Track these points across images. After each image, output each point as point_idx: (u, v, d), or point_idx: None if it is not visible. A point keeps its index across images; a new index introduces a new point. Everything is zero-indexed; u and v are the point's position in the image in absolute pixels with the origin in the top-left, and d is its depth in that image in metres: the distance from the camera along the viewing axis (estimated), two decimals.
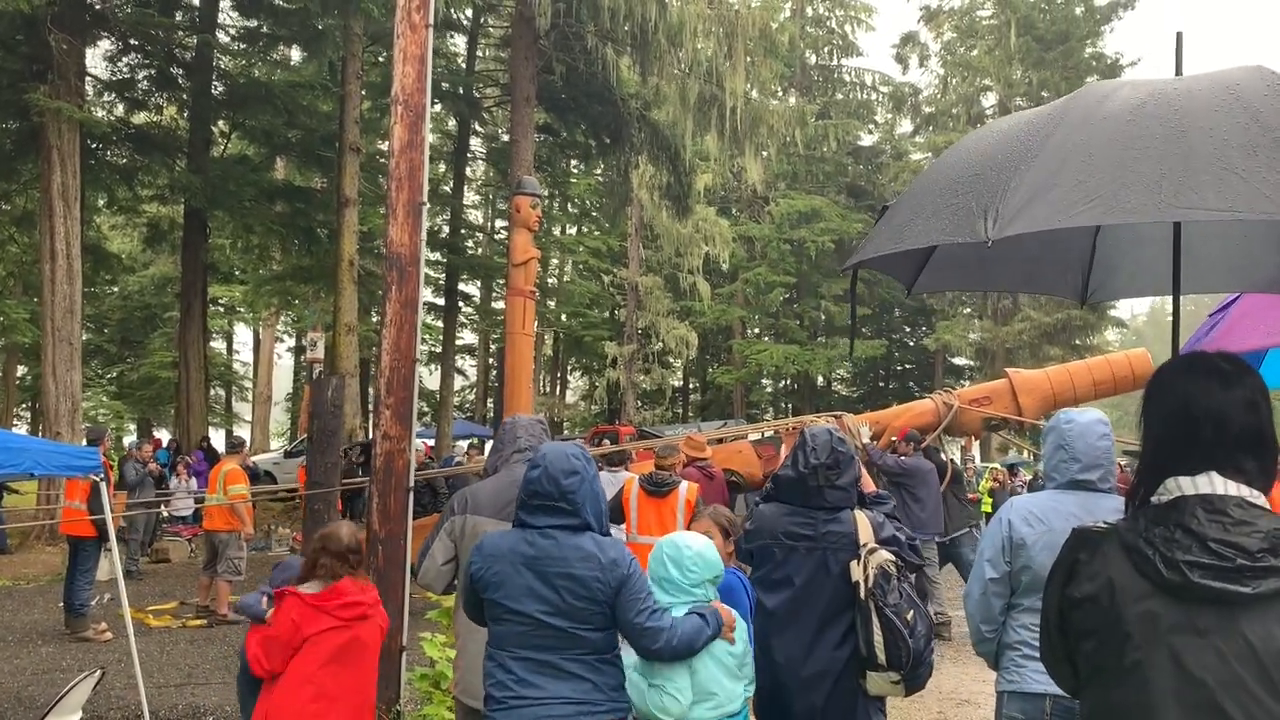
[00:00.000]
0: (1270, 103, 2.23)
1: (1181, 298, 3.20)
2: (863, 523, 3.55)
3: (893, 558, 3.48)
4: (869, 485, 3.84)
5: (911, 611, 3.40)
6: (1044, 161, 2.23)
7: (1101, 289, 3.69)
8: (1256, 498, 1.70)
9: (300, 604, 4.02)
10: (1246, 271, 3.51)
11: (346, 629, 4.03)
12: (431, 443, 22.93)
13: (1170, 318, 3.24)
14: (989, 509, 16.50)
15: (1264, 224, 3.14)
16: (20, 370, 31.97)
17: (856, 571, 3.45)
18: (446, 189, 26.82)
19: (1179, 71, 2.77)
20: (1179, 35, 2.85)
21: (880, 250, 2.69)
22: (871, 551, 3.46)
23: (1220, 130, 2.16)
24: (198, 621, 10.22)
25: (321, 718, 3.95)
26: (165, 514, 15.88)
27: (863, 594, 3.41)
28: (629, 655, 3.20)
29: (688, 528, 3.75)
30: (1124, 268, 3.61)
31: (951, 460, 11.26)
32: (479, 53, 26.62)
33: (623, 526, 7.08)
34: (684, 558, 3.31)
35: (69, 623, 9.59)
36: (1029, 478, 17.88)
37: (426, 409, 31.85)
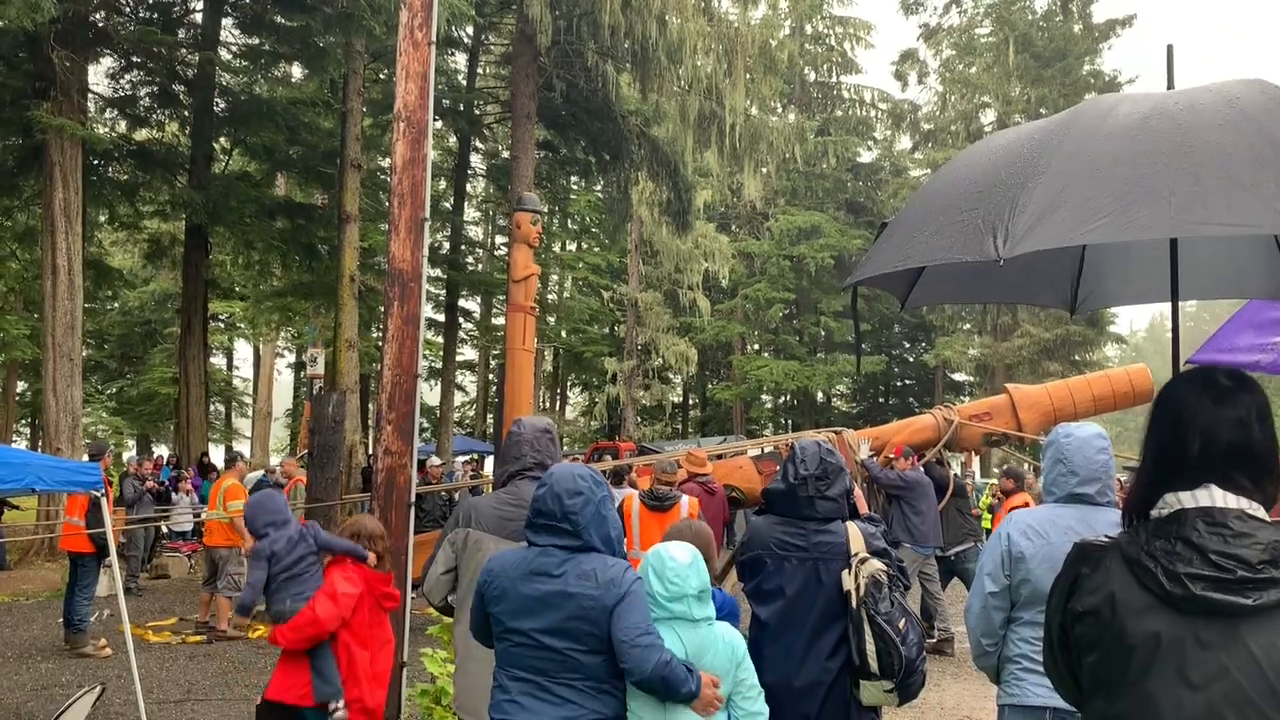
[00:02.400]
0: (1273, 115, 2.23)
1: (1183, 308, 3.23)
2: (854, 533, 3.55)
3: (884, 567, 3.47)
4: (862, 505, 3.83)
5: (903, 620, 3.39)
6: (1051, 179, 2.23)
7: (1091, 298, 3.70)
8: (1256, 510, 1.71)
9: (364, 576, 4.63)
10: (1238, 279, 3.53)
11: (379, 613, 4.73)
12: (437, 459, 22.91)
13: (1169, 334, 3.26)
14: (988, 524, 16.46)
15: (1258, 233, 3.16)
16: (20, 386, 31.97)
17: (848, 581, 3.45)
18: (447, 205, 26.89)
19: (1170, 84, 2.79)
20: (1169, 48, 2.88)
21: (883, 268, 2.69)
22: (863, 561, 3.46)
23: (1226, 145, 2.17)
24: (197, 638, 10.19)
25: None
26: (165, 530, 15.86)
27: (854, 603, 3.41)
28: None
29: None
30: (1113, 276, 3.62)
31: (955, 475, 11.24)
32: (480, 70, 26.74)
33: (624, 541, 7.08)
34: (665, 568, 3.11)
35: (69, 638, 9.56)
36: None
37: (427, 425, 31.87)
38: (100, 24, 17.00)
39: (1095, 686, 1.76)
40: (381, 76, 22.07)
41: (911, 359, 42.25)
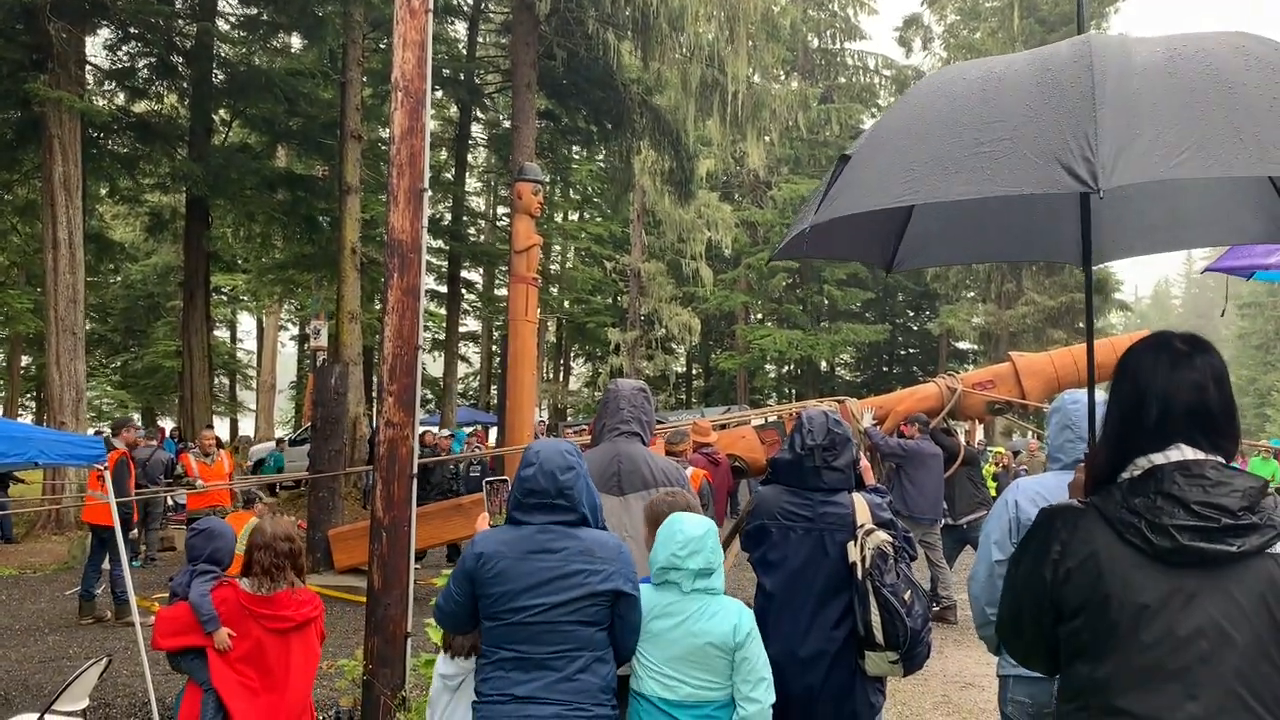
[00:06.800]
0: None
1: (1170, 276, 3.18)
2: (860, 504, 3.54)
3: (890, 539, 3.47)
4: (869, 476, 3.82)
5: (909, 591, 3.39)
6: (1113, 113, 2.12)
7: (909, 259, 3.66)
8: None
9: (234, 599, 4.13)
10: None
11: (274, 637, 4.15)
12: (437, 430, 22.92)
13: (1174, 300, 3.23)
14: (993, 492, 16.47)
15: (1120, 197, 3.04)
16: (25, 360, 32.00)
17: (854, 552, 3.44)
18: (448, 176, 26.76)
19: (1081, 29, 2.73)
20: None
21: (868, 205, 2.46)
22: (869, 532, 3.46)
23: (1265, 88, 2.11)
24: None
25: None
26: (170, 502, 15.92)
27: (860, 574, 3.40)
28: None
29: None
30: (929, 237, 3.56)
31: (967, 445, 11.20)
32: (480, 39, 26.51)
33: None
34: (663, 538, 3.21)
35: (82, 608, 9.67)
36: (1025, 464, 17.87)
37: (430, 396, 31.92)
38: None
39: (1078, 650, 1.75)
40: (381, 46, 21.88)
41: (915, 328, 42.16)
